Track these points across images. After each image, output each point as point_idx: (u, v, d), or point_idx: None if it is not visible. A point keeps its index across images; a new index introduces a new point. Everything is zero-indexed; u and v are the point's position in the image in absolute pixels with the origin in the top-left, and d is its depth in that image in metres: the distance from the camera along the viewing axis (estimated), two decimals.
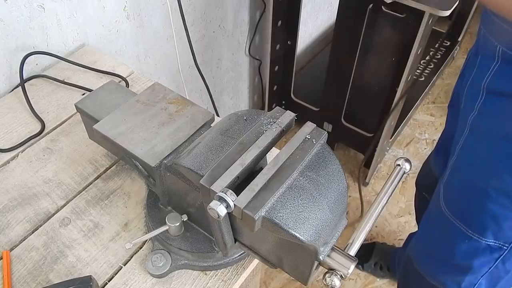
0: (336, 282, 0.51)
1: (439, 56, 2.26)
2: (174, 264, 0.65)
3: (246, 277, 0.68)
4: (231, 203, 0.48)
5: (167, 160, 0.60)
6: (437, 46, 2.27)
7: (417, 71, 2.13)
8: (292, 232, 0.47)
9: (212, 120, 0.65)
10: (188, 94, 1.48)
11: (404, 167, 0.63)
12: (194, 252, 0.65)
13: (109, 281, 0.65)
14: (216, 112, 1.47)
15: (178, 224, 0.64)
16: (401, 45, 1.37)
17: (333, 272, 0.51)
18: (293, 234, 0.47)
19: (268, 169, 0.50)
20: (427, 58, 2.23)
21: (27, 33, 0.90)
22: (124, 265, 0.66)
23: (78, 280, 0.60)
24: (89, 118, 0.70)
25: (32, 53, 0.90)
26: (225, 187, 0.49)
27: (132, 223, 0.72)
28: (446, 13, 1.12)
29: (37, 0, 0.88)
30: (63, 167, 0.78)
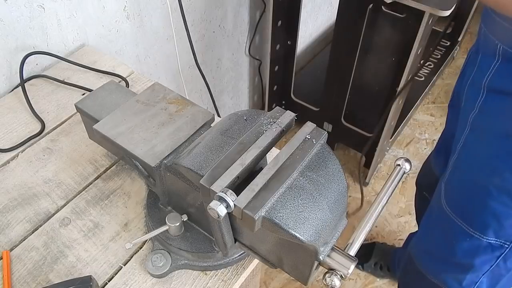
0: (336, 282, 0.51)
1: (439, 56, 2.26)
2: (174, 264, 0.65)
3: (246, 277, 0.68)
4: (231, 203, 0.48)
5: (167, 160, 0.60)
6: (436, 45, 2.27)
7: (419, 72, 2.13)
8: (292, 232, 0.47)
9: (212, 120, 0.65)
10: (188, 94, 1.48)
11: (404, 167, 0.63)
12: (194, 252, 0.65)
13: (109, 281, 0.65)
14: (217, 112, 1.47)
15: (178, 224, 0.64)
16: (401, 45, 1.37)
17: (333, 272, 0.51)
18: (293, 234, 0.47)
19: (268, 169, 0.50)
20: (429, 58, 2.23)
21: (27, 33, 0.90)
22: (124, 265, 0.66)
23: (78, 280, 0.60)
24: (89, 118, 0.70)
25: (32, 53, 0.90)
26: (225, 187, 0.49)
27: (132, 223, 0.72)
28: (446, 13, 1.12)
29: (37, 0, 0.88)
30: (63, 167, 0.78)
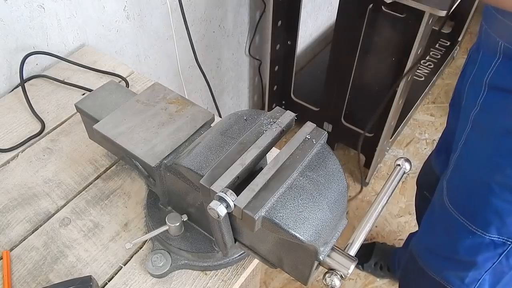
0: (336, 282, 0.51)
1: (439, 56, 2.26)
2: (174, 264, 0.65)
3: (246, 277, 0.68)
4: (231, 203, 0.47)
5: (167, 160, 0.60)
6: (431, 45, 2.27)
7: (418, 71, 2.13)
8: (292, 232, 0.47)
9: (212, 120, 0.65)
10: (188, 94, 1.48)
11: (404, 167, 0.63)
12: (194, 252, 0.65)
13: (109, 281, 0.65)
14: (218, 112, 1.47)
15: (178, 224, 0.64)
16: (401, 45, 1.37)
17: (333, 272, 0.51)
18: (293, 234, 0.47)
19: (268, 169, 0.50)
20: (427, 57, 2.24)
21: (27, 33, 0.90)
22: (124, 265, 0.66)
23: (78, 280, 0.60)
24: (89, 118, 0.70)
25: (32, 53, 0.90)
26: (225, 187, 0.49)
27: (132, 223, 0.72)
28: (443, 12, 1.12)
29: (37, 0, 0.88)
30: (63, 167, 0.78)
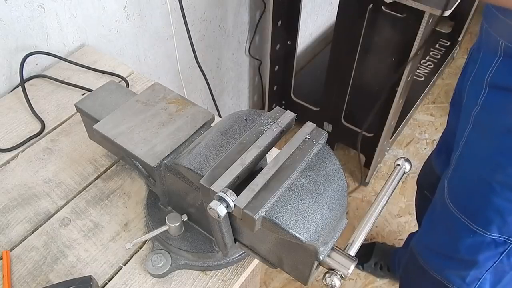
0: (336, 282, 0.51)
1: (439, 56, 2.26)
2: (174, 264, 0.65)
3: (246, 277, 0.68)
4: (231, 203, 0.47)
5: (167, 160, 0.60)
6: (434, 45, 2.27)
7: (418, 71, 2.13)
8: (292, 232, 0.47)
9: (212, 120, 0.65)
10: (188, 94, 1.48)
11: (404, 167, 0.63)
12: (194, 252, 0.65)
13: (109, 281, 0.65)
14: (218, 112, 1.47)
15: (178, 224, 0.64)
16: (401, 45, 1.37)
17: (333, 272, 0.51)
18: (293, 234, 0.47)
19: (268, 169, 0.50)
20: (427, 57, 2.24)
21: (27, 33, 0.90)
22: (124, 265, 0.66)
23: (78, 280, 0.60)
24: (89, 118, 0.70)
25: (32, 53, 0.90)
26: (225, 187, 0.49)
27: (132, 223, 0.72)
28: (446, 13, 1.12)
29: (37, 0, 0.88)
30: (63, 167, 0.78)
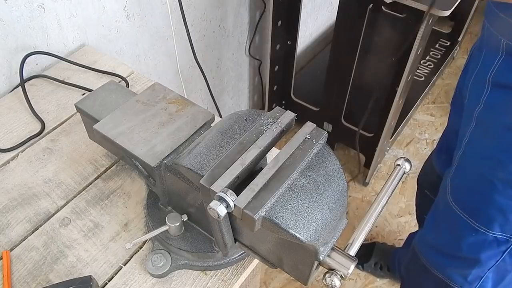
0: (336, 282, 0.51)
1: (439, 56, 2.26)
2: (174, 264, 0.65)
3: (246, 277, 0.68)
4: (231, 203, 0.47)
5: (167, 160, 0.60)
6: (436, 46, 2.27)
7: (417, 71, 2.13)
8: (292, 232, 0.47)
9: (212, 120, 0.65)
10: (188, 94, 1.48)
11: (404, 167, 0.63)
12: (194, 252, 0.65)
13: (109, 281, 0.65)
14: (219, 112, 1.47)
15: (178, 224, 0.64)
16: (401, 45, 1.37)
17: (333, 272, 0.51)
18: (293, 234, 0.47)
19: (268, 169, 0.50)
20: (427, 57, 2.24)
21: (27, 33, 0.90)
22: (124, 265, 0.66)
23: (78, 280, 0.60)
24: (89, 118, 0.70)
25: (32, 53, 0.90)
26: (225, 187, 0.49)
27: (132, 223, 0.72)
28: (446, 13, 1.12)
29: (37, 0, 0.88)
30: (63, 167, 0.78)
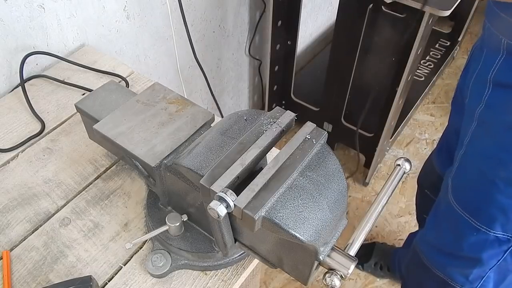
0: (336, 282, 0.51)
1: (439, 56, 2.26)
2: (174, 264, 0.65)
3: (246, 277, 0.68)
4: (231, 203, 0.47)
5: (167, 160, 0.60)
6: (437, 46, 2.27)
7: (417, 70, 2.13)
8: (292, 232, 0.47)
9: (212, 120, 0.65)
10: (188, 94, 1.48)
11: (404, 167, 0.63)
12: (194, 252, 0.65)
13: (109, 281, 0.65)
14: (220, 112, 1.47)
15: (178, 224, 0.64)
16: (401, 45, 1.37)
17: (333, 272, 0.51)
18: (293, 234, 0.47)
19: (268, 169, 0.50)
20: (427, 57, 2.24)
21: (27, 33, 0.90)
22: (124, 265, 0.66)
23: (78, 280, 0.60)
24: (89, 118, 0.70)
25: (32, 53, 0.90)
26: (225, 187, 0.49)
27: (132, 223, 0.72)
28: (446, 13, 1.12)
29: (37, 0, 0.88)
30: (63, 167, 0.78)
